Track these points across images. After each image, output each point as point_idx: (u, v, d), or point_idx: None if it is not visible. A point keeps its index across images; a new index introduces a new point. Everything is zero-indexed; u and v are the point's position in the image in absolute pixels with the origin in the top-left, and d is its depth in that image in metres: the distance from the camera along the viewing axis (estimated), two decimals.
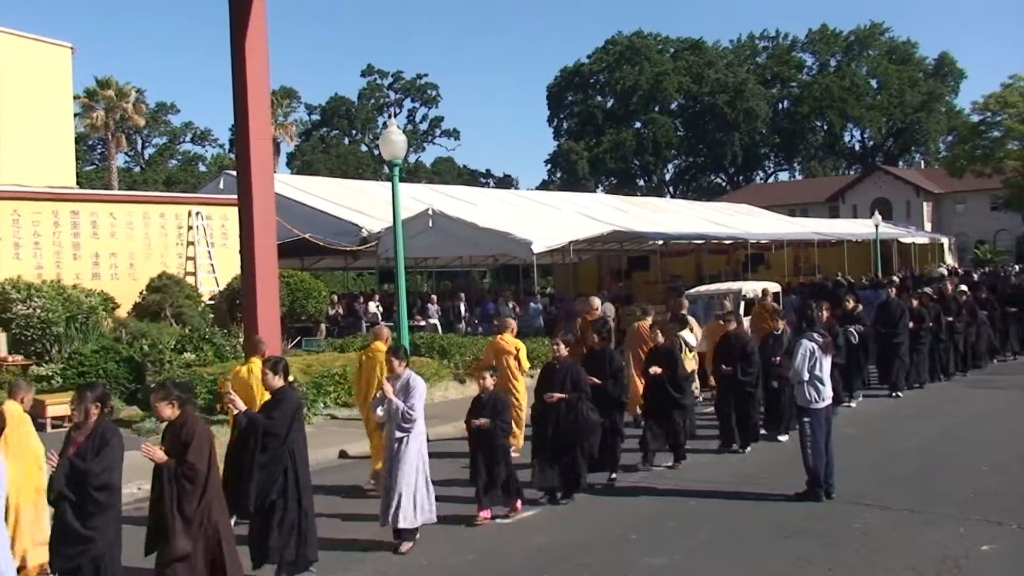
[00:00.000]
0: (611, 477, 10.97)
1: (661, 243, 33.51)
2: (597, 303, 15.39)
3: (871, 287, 27.05)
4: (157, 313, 20.78)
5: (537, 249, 24.08)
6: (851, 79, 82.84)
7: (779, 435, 13.33)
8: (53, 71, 26.50)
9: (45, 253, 21.00)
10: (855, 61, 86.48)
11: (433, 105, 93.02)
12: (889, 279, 30.10)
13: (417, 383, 8.77)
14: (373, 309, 28.66)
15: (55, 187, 23.20)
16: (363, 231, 27.74)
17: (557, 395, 10.08)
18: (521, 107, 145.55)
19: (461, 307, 30.73)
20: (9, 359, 16.93)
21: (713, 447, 12.80)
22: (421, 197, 31.63)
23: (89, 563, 6.49)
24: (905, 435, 13.56)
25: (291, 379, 8.19)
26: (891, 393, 17.00)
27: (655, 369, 11.55)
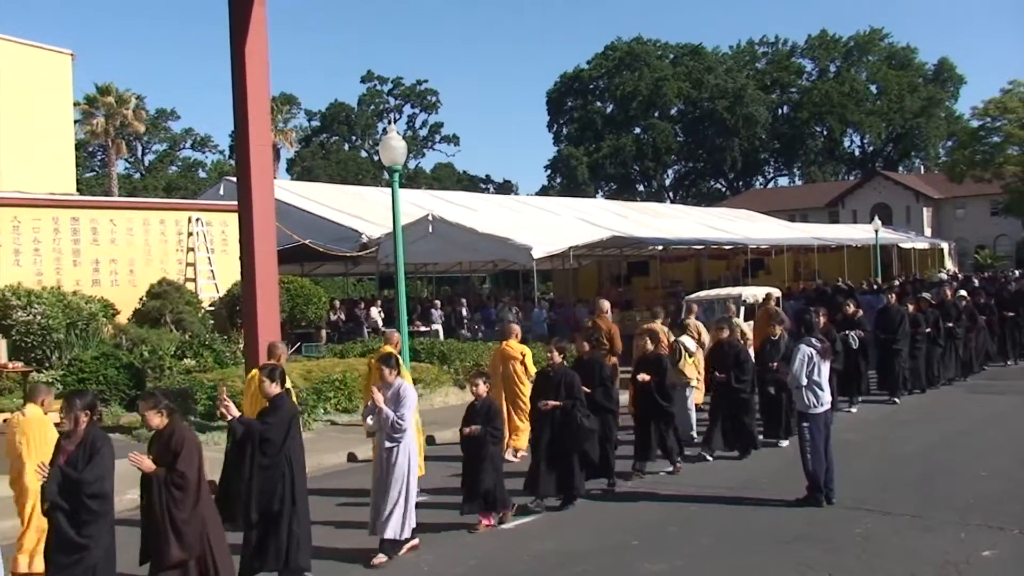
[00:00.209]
0: (610, 483, 10.94)
1: (661, 248, 33.53)
2: (607, 305, 15.41)
3: (872, 292, 27.05)
4: (157, 319, 20.78)
5: (537, 255, 24.09)
6: (851, 84, 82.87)
7: (780, 440, 13.31)
8: (53, 78, 26.51)
9: (45, 259, 21.00)
10: (855, 66, 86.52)
11: (433, 111, 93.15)
12: (889, 284, 30.12)
13: (408, 392, 8.71)
14: (375, 315, 28.66)
15: (55, 194, 23.20)
16: (363, 237, 27.76)
17: (552, 403, 10.05)
18: (521, 113, 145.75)
19: (463, 312, 30.73)
20: (9, 366, 16.90)
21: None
22: (421, 203, 31.66)
23: (84, 572, 6.44)
24: (906, 440, 13.55)
25: (288, 386, 8.17)
26: (890, 399, 17.00)
27: (643, 376, 11.50)
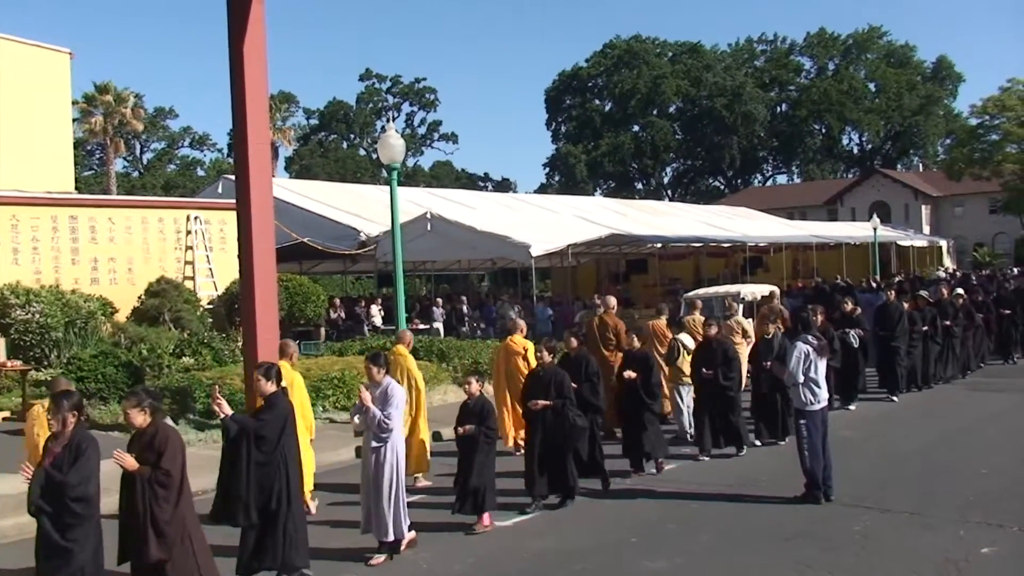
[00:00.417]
0: (604, 483, 10.81)
1: (659, 246, 33.55)
2: (613, 302, 15.41)
3: (872, 291, 27.06)
4: (156, 317, 20.78)
5: (535, 252, 24.10)
6: (849, 82, 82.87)
7: (779, 440, 13.27)
8: (52, 76, 26.51)
9: (44, 258, 20.99)
10: (853, 64, 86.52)
11: (431, 109, 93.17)
12: (888, 282, 30.11)
13: (395, 392, 8.67)
14: (375, 313, 28.65)
15: (54, 192, 23.20)
16: (361, 235, 27.76)
17: (542, 402, 10.01)
18: (519, 111, 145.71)
19: (464, 310, 30.72)
20: (8, 364, 16.88)
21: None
22: (419, 201, 31.66)
23: (70, 575, 6.36)
24: (905, 438, 13.56)
25: (283, 385, 8.14)
26: (888, 396, 17.00)
27: (629, 373, 11.42)
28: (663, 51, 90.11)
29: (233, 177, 12.47)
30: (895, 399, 16.86)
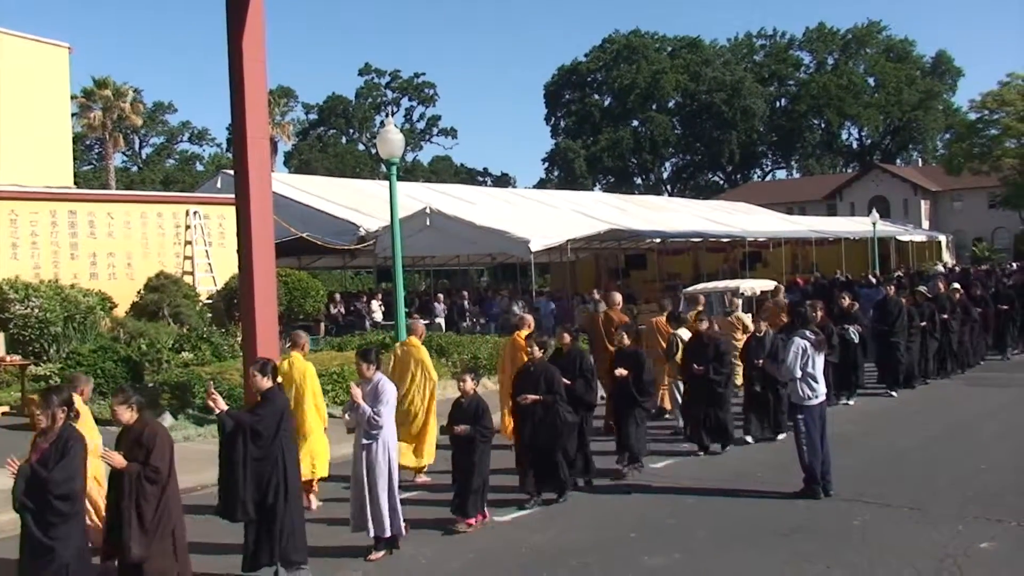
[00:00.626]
0: (586, 481, 10.72)
1: (659, 241, 33.56)
2: (618, 298, 15.38)
3: (872, 285, 27.05)
4: (155, 312, 20.76)
5: (535, 247, 24.08)
6: (848, 77, 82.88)
7: (771, 437, 13.18)
8: (50, 71, 26.43)
9: (43, 253, 20.96)
10: (852, 59, 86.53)
11: (430, 104, 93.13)
12: (887, 276, 30.10)
13: (386, 388, 8.61)
14: (375, 308, 28.64)
15: (52, 187, 23.15)
16: (361, 230, 27.74)
17: (532, 397, 9.90)
18: (518, 106, 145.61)
19: (465, 305, 30.72)
20: (7, 359, 16.86)
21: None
22: (418, 196, 31.65)
23: (54, 573, 6.29)
24: (904, 433, 13.56)
25: (279, 380, 8.13)
26: (887, 392, 16.99)
27: (620, 371, 11.26)
28: (662, 46, 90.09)
29: (232, 172, 12.46)
30: (894, 394, 16.86)
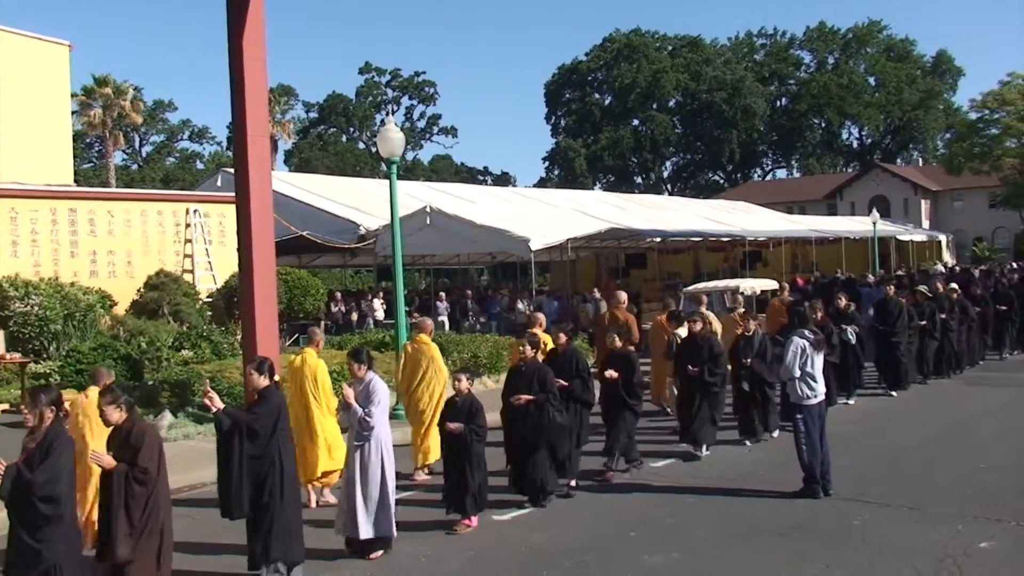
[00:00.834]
0: (569, 485, 10.48)
1: (659, 240, 33.50)
2: (624, 296, 15.35)
3: (875, 286, 27.03)
4: (155, 311, 20.76)
5: (535, 246, 24.04)
6: (849, 76, 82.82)
7: (758, 438, 13.06)
8: (51, 69, 26.47)
9: (43, 251, 20.97)
10: (853, 58, 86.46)
11: (431, 103, 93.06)
12: (887, 277, 30.06)
13: (378, 388, 8.54)
14: (377, 307, 28.62)
15: (53, 185, 23.16)
16: (361, 229, 27.71)
17: (524, 397, 9.80)
18: (519, 104, 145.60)
19: (468, 304, 30.72)
20: (7, 357, 16.88)
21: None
22: (419, 195, 31.62)
23: (42, 575, 6.17)
24: (904, 433, 13.57)
25: (276, 379, 8.11)
26: (887, 391, 16.98)
27: (610, 373, 11.10)
28: (663, 45, 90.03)
29: (232, 170, 12.47)
30: (894, 394, 16.87)
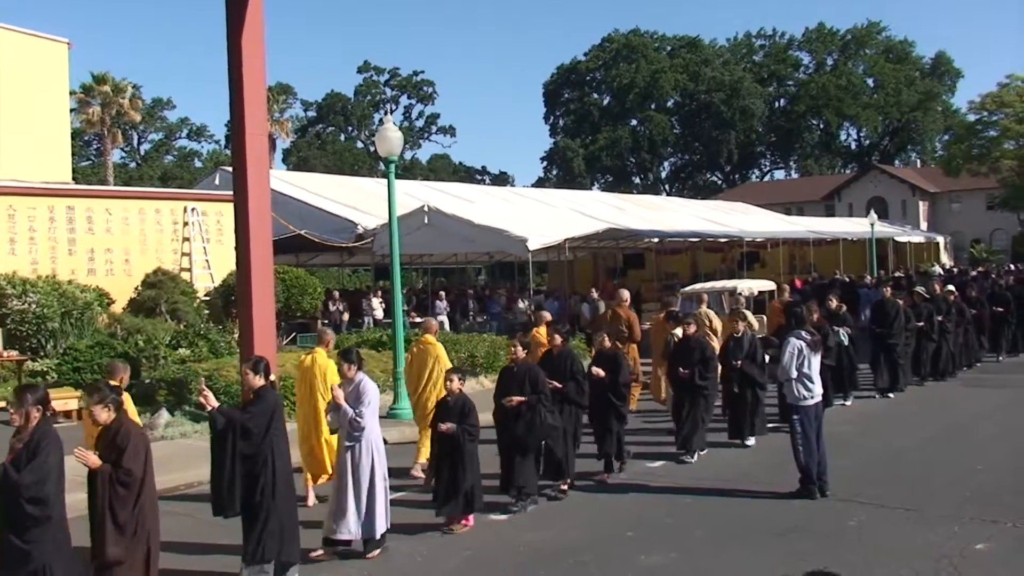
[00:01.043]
0: (561, 488, 10.44)
1: (657, 241, 33.49)
2: (626, 295, 15.33)
3: (872, 286, 27.03)
4: (152, 309, 20.76)
5: (533, 246, 24.03)
6: (847, 78, 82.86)
7: (746, 440, 12.98)
8: (49, 66, 26.42)
9: (41, 248, 20.96)
10: (852, 60, 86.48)
11: (429, 102, 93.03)
12: (884, 278, 30.07)
13: (367, 388, 8.52)
14: (376, 306, 28.61)
15: (51, 182, 23.13)
16: (359, 228, 27.71)
17: (516, 398, 9.74)
18: (517, 104, 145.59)
19: (469, 304, 30.72)
20: (4, 354, 16.87)
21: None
22: (417, 194, 31.61)
23: (31, 575, 6.13)
24: (900, 434, 13.57)
25: (272, 379, 8.10)
26: (884, 393, 16.96)
27: (597, 371, 11.04)
28: (661, 45, 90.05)
29: (230, 169, 12.44)
30: (891, 395, 16.88)
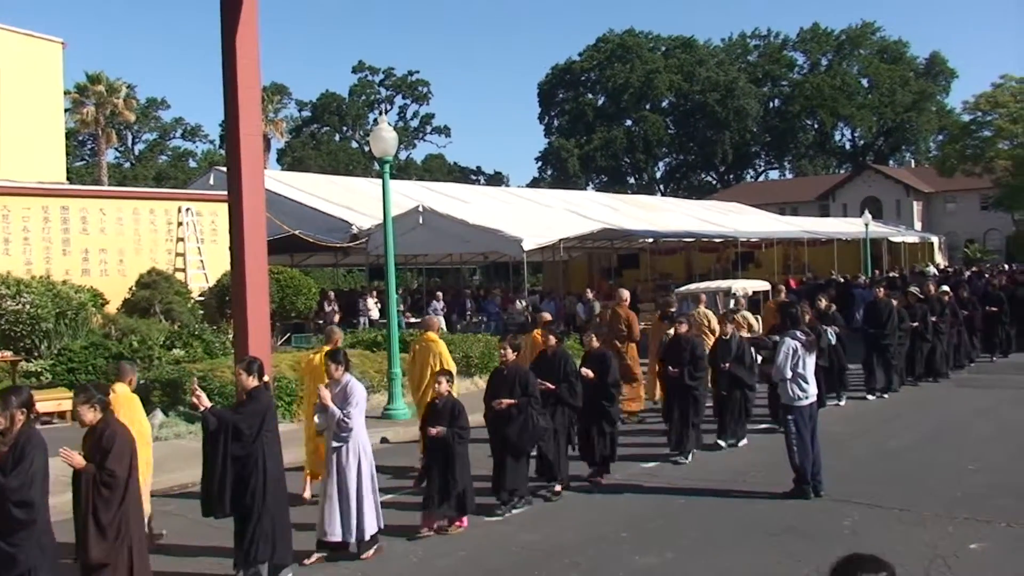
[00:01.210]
0: (555, 490, 10.36)
1: (651, 241, 33.57)
2: (626, 294, 15.32)
3: (866, 286, 27.07)
4: (147, 309, 20.73)
5: (527, 247, 24.06)
6: (842, 78, 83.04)
7: (735, 441, 12.94)
8: (44, 66, 26.39)
9: (35, 249, 20.93)
10: (846, 60, 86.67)
11: (424, 102, 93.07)
12: (877, 279, 30.14)
13: (355, 389, 8.46)
14: (371, 306, 28.62)
15: (45, 183, 23.10)
16: (353, 228, 27.73)
17: (507, 401, 9.65)
18: (512, 104, 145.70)
19: (466, 304, 30.73)
20: None
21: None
22: (411, 194, 31.65)
23: None
24: (894, 434, 13.60)
25: (266, 380, 8.08)
26: (879, 393, 16.99)
27: (586, 371, 10.94)
28: (656, 46, 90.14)
29: (225, 169, 12.44)
30: (885, 396, 16.90)
